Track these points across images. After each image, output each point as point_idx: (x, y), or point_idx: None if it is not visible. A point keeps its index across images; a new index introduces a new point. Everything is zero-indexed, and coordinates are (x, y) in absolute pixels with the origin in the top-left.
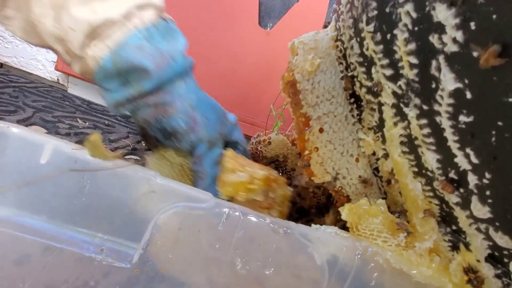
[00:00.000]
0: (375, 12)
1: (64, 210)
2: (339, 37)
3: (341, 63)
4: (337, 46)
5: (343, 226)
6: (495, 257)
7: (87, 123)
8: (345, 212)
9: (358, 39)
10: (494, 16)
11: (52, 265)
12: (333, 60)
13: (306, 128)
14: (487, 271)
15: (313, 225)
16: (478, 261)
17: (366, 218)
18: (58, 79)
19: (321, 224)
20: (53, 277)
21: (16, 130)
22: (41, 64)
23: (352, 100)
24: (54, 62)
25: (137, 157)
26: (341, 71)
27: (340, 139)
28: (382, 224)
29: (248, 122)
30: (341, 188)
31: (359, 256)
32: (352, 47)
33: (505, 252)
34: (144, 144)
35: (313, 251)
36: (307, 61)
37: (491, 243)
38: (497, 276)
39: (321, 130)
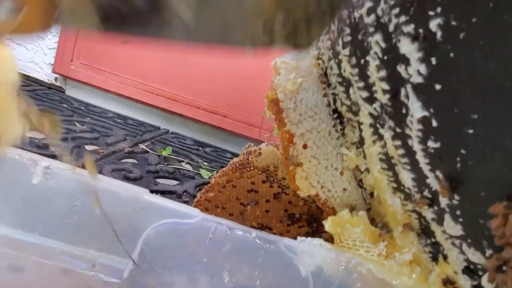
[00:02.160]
0: (349, 38)
1: (56, 228)
2: (320, 56)
3: (322, 81)
4: (319, 65)
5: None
6: (471, 269)
7: (84, 126)
8: (328, 224)
9: (336, 60)
10: (452, 55)
11: (45, 281)
12: (315, 78)
13: (290, 144)
14: (464, 282)
15: (298, 237)
16: (456, 272)
17: (348, 228)
18: (55, 80)
19: (312, 230)
20: None
21: (14, 153)
22: (39, 67)
23: (335, 115)
24: (52, 64)
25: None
26: (323, 88)
27: (324, 154)
28: (363, 234)
29: (245, 122)
30: (326, 200)
31: (342, 267)
32: (331, 67)
33: (479, 266)
34: (141, 146)
35: (298, 263)
36: (289, 81)
37: (465, 257)
38: (474, 286)
39: (304, 146)
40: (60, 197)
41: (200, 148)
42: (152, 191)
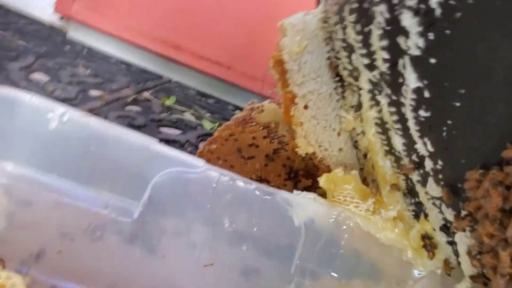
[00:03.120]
0: (356, 5)
1: (72, 170)
2: (326, 20)
3: (327, 44)
4: (324, 28)
5: None
6: (447, 227)
7: (88, 71)
8: (322, 180)
9: (342, 25)
10: (447, 32)
11: (63, 217)
12: (320, 41)
13: (292, 105)
14: (440, 238)
15: (294, 191)
16: (434, 229)
17: (341, 185)
18: (60, 19)
19: (308, 186)
20: (64, 226)
21: (25, 97)
22: (41, 5)
23: (337, 78)
24: (53, 4)
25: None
26: (327, 52)
27: (324, 115)
28: (354, 190)
29: (249, 75)
30: (323, 159)
31: (333, 219)
32: (337, 32)
33: (455, 225)
34: (145, 94)
35: (292, 215)
36: (295, 43)
37: (444, 216)
38: (448, 243)
39: (305, 107)
40: (76, 142)
41: (202, 99)
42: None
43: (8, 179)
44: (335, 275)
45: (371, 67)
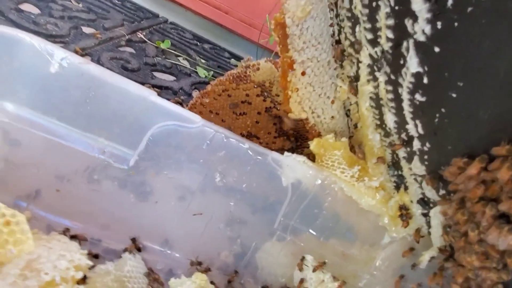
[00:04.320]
0: None
1: (71, 115)
2: None
3: (332, 10)
4: None
5: None
6: (424, 201)
7: (80, 5)
8: (313, 144)
9: None
10: (456, 24)
11: (61, 159)
12: (324, 7)
13: (290, 70)
14: (416, 210)
15: (285, 153)
16: (411, 201)
17: (330, 150)
18: None
19: (296, 145)
20: (62, 167)
21: (26, 37)
22: None
23: (338, 47)
24: None
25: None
26: (331, 18)
27: (320, 82)
28: (342, 157)
29: (246, 22)
30: (314, 125)
31: (319, 182)
32: (343, 0)
33: (431, 200)
34: (139, 35)
35: (281, 175)
36: (299, 7)
37: (422, 192)
38: (423, 215)
39: (303, 73)
40: (75, 88)
41: (198, 44)
42: (149, 84)
43: (7, 119)
44: (314, 233)
45: (374, 43)
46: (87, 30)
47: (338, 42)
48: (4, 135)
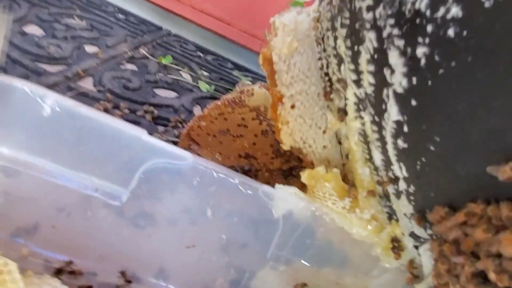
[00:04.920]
0: (348, 22)
1: (65, 156)
2: (320, 20)
3: (319, 44)
4: (317, 28)
5: None
6: (415, 235)
7: (84, 22)
8: (304, 176)
9: (334, 34)
10: (429, 82)
11: (56, 198)
12: (311, 42)
13: (279, 103)
14: (407, 243)
15: (276, 185)
16: (403, 234)
17: (321, 182)
18: None
19: (293, 166)
20: (58, 205)
21: (19, 84)
22: None
23: (327, 78)
24: None
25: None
26: (318, 52)
27: (310, 114)
28: (333, 189)
29: (248, 32)
30: (306, 155)
31: (310, 213)
32: (328, 38)
33: (421, 237)
34: (142, 51)
35: (272, 207)
36: (285, 44)
37: (412, 228)
38: (415, 247)
39: (292, 107)
40: (68, 130)
41: (201, 55)
42: (150, 104)
43: (3, 161)
44: (307, 263)
45: (358, 84)
46: (89, 49)
47: (326, 74)
48: (1, 173)
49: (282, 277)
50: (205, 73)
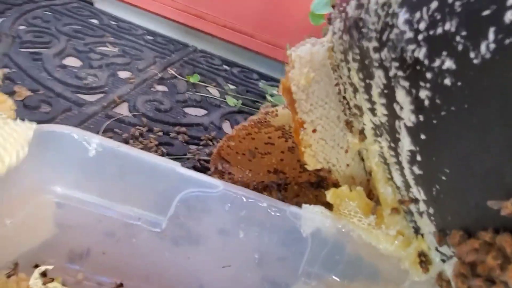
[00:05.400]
0: (358, 57)
1: (109, 190)
2: (334, 50)
3: (335, 71)
4: (332, 57)
5: None
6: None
7: (116, 49)
8: (329, 195)
9: (347, 66)
10: (434, 121)
11: (105, 226)
12: (328, 70)
13: (301, 128)
14: (434, 257)
15: (303, 205)
16: (429, 249)
17: (346, 201)
18: None
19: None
20: (107, 234)
21: (66, 130)
22: None
23: (345, 102)
24: None
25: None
26: (335, 78)
27: (332, 135)
28: (358, 207)
29: (271, 43)
30: (331, 173)
31: (337, 230)
32: (342, 67)
33: (446, 253)
34: (170, 71)
35: (299, 227)
36: (303, 75)
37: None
38: (442, 261)
39: (314, 131)
40: (111, 167)
41: (227, 69)
42: (181, 125)
43: (58, 198)
44: (337, 278)
45: (372, 112)
46: (122, 74)
47: (344, 98)
48: (57, 209)
49: None
50: (232, 87)
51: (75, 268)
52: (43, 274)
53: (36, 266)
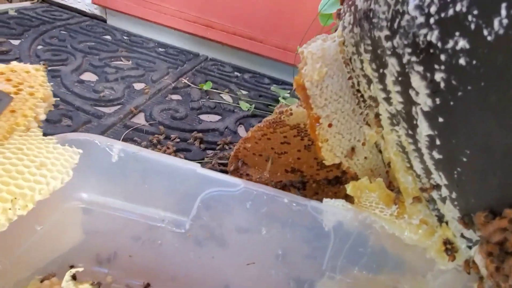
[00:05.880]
0: (370, 48)
1: (133, 194)
2: (345, 44)
3: (347, 65)
4: (344, 51)
5: None
6: (466, 237)
7: (130, 62)
8: (349, 188)
9: (359, 58)
10: (451, 103)
11: (130, 230)
12: (340, 64)
13: (317, 124)
14: (460, 244)
15: (324, 199)
16: (455, 236)
17: (367, 192)
18: (96, 10)
19: (339, 175)
20: (132, 236)
21: (89, 138)
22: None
23: (359, 94)
24: None
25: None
26: (348, 72)
27: (348, 129)
28: (378, 197)
29: (280, 47)
30: (349, 167)
31: (360, 223)
32: (355, 60)
33: (472, 238)
34: (183, 80)
35: (321, 221)
36: (315, 71)
37: (462, 231)
38: (468, 247)
39: (330, 125)
40: (133, 172)
41: (238, 75)
42: (197, 131)
43: (85, 204)
44: (362, 271)
45: (388, 101)
46: (137, 86)
47: (358, 91)
48: (84, 215)
49: (341, 286)
50: (244, 92)
51: (103, 272)
52: (74, 277)
53: (72, 266)
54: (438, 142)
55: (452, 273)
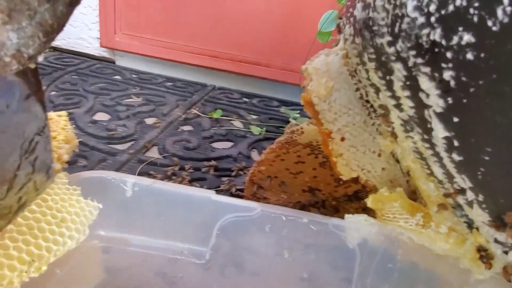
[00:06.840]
0: (374, 56)
1: (149, 228)
2: (348, 56)
3: (353, 76)
4: (348, 63)
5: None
6: (500, 242)
7: (140, 99)
8: (369, 201)
9: (364, 68)
10: (464, 101)
11: (151, 265)
12: (346, 77)
13: (329, 139)
14: (495, 250)
15: (346, 215)
16: (488, 242)
17: (388, 203)
18: (104, 53)
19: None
20: (154, 272)
21: (103, 175)
22: (87, 42)
23: (369, 105)
24: (98, 38)
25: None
26: (355, 84)
27: (361, 141)
28: (401, 207)
29: (286, 69)
30: (367, 180)
31: (385, 237)
32: (360, 71)
33: (506, 243)
34: (193, 111)
35: (345, 238)
36: (321, 86)
37: (494, 235)
38: (505, 252)
39: (342, 139)
40: (148, 205)
41: (247, 101)
42: (211, 159)
43: (104, 243)
44: None
45: (399, 108)
46: (149, 121)
47: (367, 101)
48: (103, 254)
49: None
50: (254, 117)
51: None
52: None
53: None
54: (456, 143)
55: (491, 283)
